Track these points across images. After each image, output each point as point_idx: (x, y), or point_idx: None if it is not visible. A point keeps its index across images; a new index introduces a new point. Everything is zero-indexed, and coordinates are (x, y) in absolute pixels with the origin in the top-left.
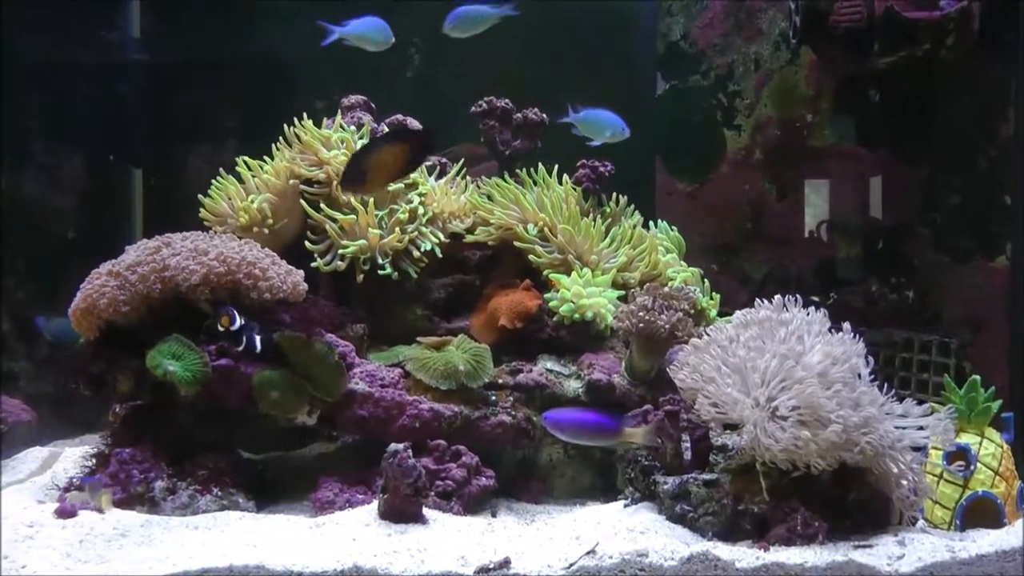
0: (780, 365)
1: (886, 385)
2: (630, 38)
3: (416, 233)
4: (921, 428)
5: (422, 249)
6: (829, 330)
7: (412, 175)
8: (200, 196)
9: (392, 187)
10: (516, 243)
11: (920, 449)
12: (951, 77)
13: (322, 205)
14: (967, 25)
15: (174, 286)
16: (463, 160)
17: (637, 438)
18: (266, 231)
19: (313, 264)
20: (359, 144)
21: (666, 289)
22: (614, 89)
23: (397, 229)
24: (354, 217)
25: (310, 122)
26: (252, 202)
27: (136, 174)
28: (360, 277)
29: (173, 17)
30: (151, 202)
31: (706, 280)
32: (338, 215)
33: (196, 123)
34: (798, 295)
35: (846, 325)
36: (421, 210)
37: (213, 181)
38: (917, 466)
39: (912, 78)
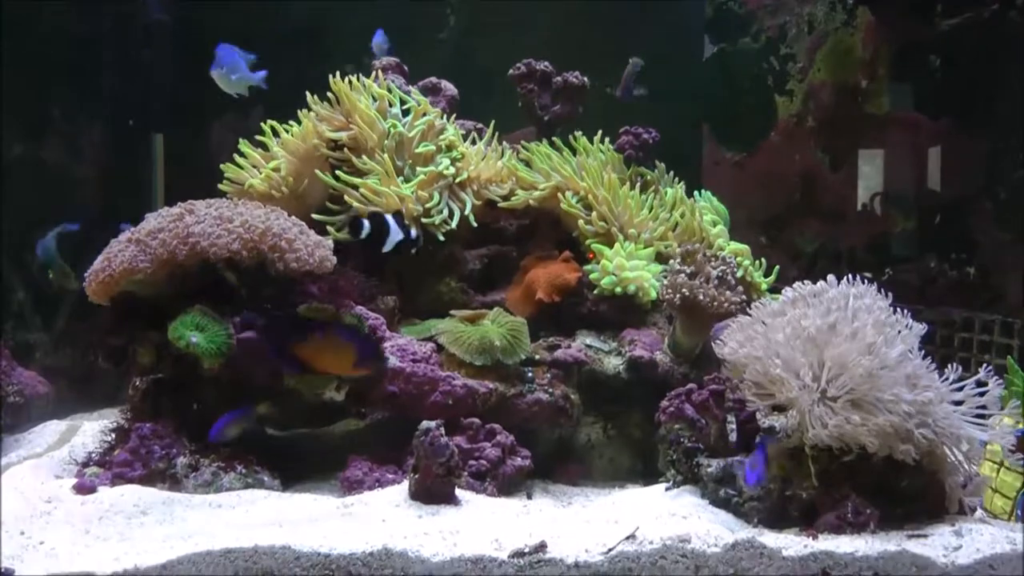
0: (827, 340)
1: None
2: None
3: (445, 194)
4: (981, 416)
5: (437, 221)
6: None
7: (448, 137)
8: (222, 166)
9: (424, 148)
10: (563, 206)
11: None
12: (1021, 40)
13: (339, 173)
14: None
15: (198, 253)
16: (494, 122)
17: None
18: (285, 190)
19: (330, 236)
20: (395, 107)
21: (710, 253)
22: (659, 53)
23: (423, 191)
24: (376, 180)
25: (343, 82)
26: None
27: (157, 139)
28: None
29: None
30: (173, 169)
31: (762, 260)
32: (358, 180)
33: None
34: (851, 273)
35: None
36: (451, 171)
37: (236, 149)
38: (976, 453)
39: (978, 42)
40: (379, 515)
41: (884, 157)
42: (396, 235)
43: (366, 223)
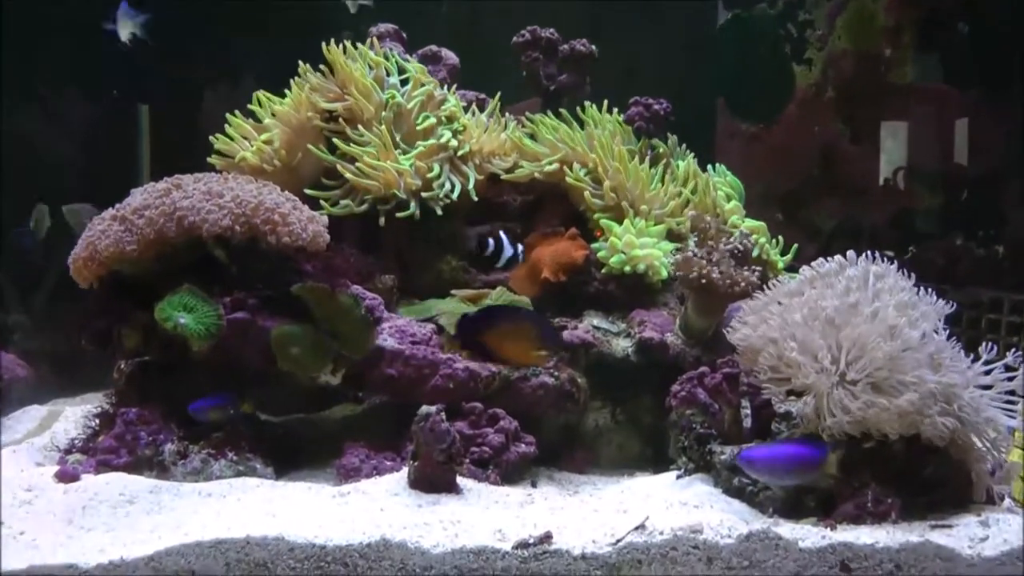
0: (847, 321)
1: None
2: None
3: (446, 167)
4: (1010, 401)
5: (441, 195)
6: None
7: (449, 108)
8: (211, 138)
9: (425, 122)
10: (569, 179)
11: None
12: None
13: (337, 142)
14: None
15: (187, 229)
16: (499, 93)
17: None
18: (278, 163)
19: (323, 211)
20: (392, 78)
21: (725, 228)
22: (670, 20)
23: (422, 162)
24: (372, 150)
25: (339, 50)
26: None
27: (143, 111)
28: (382, 221)
29: None
30: (159, 142)
31: (778, 238)
32: (357, 150)
33: (211, 56)
34: (872, 250)
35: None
36: (454, 143)
37: (227, 119)
38: (1004, 439)
39: (1008, 8)
40: (377, 504)
41: (908, 130)
42: (508, 251)
43: (491, 241)
